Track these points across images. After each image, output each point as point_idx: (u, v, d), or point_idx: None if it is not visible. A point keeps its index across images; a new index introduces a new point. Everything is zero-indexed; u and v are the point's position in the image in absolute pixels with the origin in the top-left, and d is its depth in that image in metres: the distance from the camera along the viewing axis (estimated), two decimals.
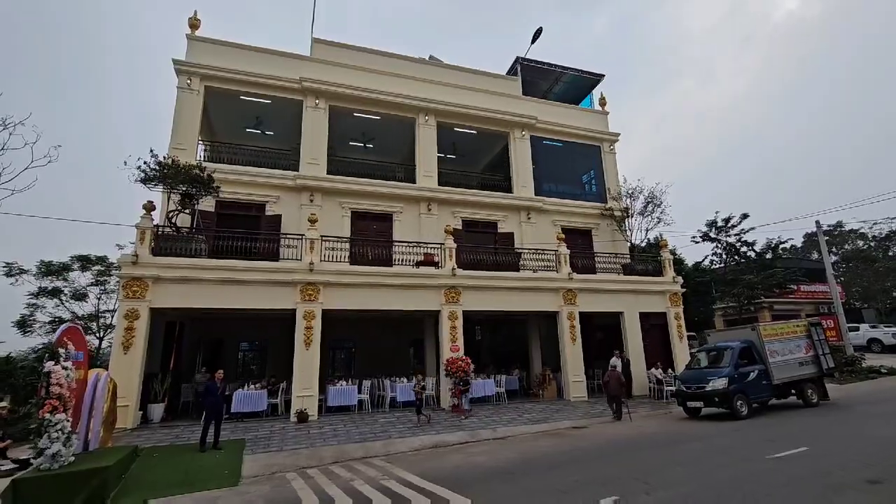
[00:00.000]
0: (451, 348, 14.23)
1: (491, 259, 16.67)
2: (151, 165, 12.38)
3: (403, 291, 14.42)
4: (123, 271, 11.86)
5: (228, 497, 6.89)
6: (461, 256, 15.79)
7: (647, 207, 19.79)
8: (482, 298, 15.26)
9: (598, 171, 22.28)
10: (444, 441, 10.40)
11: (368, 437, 10.65)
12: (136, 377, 11.47)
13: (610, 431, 10.99)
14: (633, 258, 19.06)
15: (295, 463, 8.97)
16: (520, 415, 12.98)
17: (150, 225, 12.42)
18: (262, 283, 12.98)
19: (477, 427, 11.56)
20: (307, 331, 13.02)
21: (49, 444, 7.20)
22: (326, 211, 16.72)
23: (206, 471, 8.50)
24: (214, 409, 9.92)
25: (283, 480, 7.74)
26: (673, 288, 17.95)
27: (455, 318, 14.64)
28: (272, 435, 10.94)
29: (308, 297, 13.22)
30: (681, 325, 17.62)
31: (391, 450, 9.81)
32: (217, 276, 12.53)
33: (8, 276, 19.55)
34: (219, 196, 15.01)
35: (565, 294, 16.23)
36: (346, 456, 9.39)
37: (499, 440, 10.51)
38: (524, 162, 20.20)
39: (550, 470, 7.54)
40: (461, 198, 18.76)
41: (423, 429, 11.38)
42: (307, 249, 13.65)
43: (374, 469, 8.21)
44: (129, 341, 11.54)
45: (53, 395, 7.31)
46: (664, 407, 14.10)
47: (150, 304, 11.94)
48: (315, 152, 17.14)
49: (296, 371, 12.76)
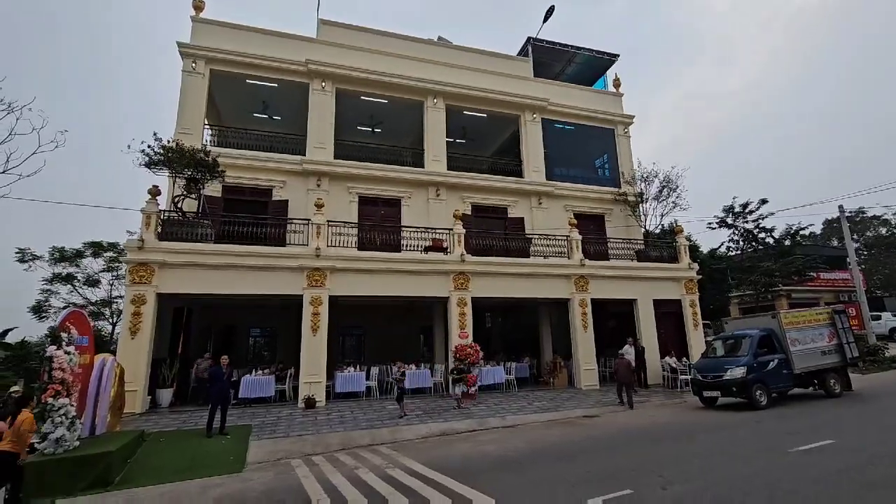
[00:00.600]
0: (459, 335, 14.00)
1: (501, 245, 16.33)
2: (155, 149, 12.21)
3: (412, 278, 14.18)
4: (129, 256, 11.78)
5: (230, 484, 6.77)
6: (470, 242, 15.47)
7: (663, 192, 19.20)
8: (492, 285, 14.97)
9: (611, 154, 21.68)
10: (453, 429, 10.21)
11: (376, 424, 10.51)
12: (144, 362, 11.44)
13: (622, 421, 10.71)
14: (648, 244, 18.56)
15: (301, 450, 8.86)
16: (529, 403, 12.75)
17: (155, 210, 12.29)
18: (269, 268, 12.82)
19: (486, 415, 11.36)
20: (314, 317, 12.87)
21: (53, 428, 7.13)
22: (334, 196, 16.48)
23: (211, 457, 8.42)
24: (221, 395, 9.82)
25: (288, 467, 7.61)
26: (688, 275, 17.45)
27: (464, 305, 14.39)
28: (279, 421, 10.86)
29: (315, 282, 13.04)
30: (696, 313, 17.16)
31: (398, 437, 9.65)
32: (223, 261, 12.40)
33: (22, 262, 19.76)
34: (225, 181, 14.85)
35: (577, 281, 15.86)
36: (353, 443, 9.25)
37: (508, 428, 10.29)
38: (535, 146, 19.70)
39: (560, 460, 7.29)
40: (471, 182, 18.38)
41: (430, 416, 11.21)
42: (314, 234, 13.44)
43: (380, 457, 8.05)
44: (136, 326, 11.50)
45: (56, 380, 7.22)
46: (678, 396, 13.75)
47: (156, 290, 11.86)
48: (322, 136, 16.85)
49: (303, 357, 12.65)
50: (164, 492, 6.56)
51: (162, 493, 6.54)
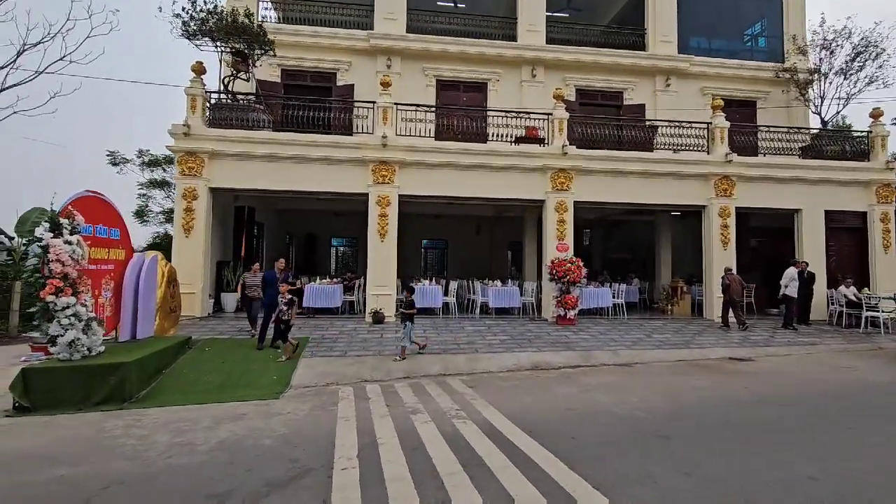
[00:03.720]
0: (557, 247, 11.24)
1: (613, 135, 12.66)
2: (192, 14, 10.16)
3: (500, 176, 11.37)
4: (176, 144, 10.33)
5: (252, 418, 5.12)
6: (574, 131, 12.05)
7: (854, 62, 13.65)
8: (600, 186, 11.69)
9: (772, 17, 15.97)
10: (547, 362, 7.90)
11: (450, 349, 8.53)
12: (201, 263, 10.36)
13: (794, 369, 7.60)
14: (822, 136, 13.58)
15: (356, 373, 7.15)
16: (647, 335, 9.94)
17: (200, 91, 10.55)
18: (329, 161, 10.79)
19: (590, 346, 8.85)
20: (381, 219, 10.83)
21: (62, 331, 5.92)
22: (406, 79, 13.73)
23: (251, 374, 7.01)
24: (274, 303, 8.34)
25: (331, 399, 5.85)
26: (884, 177, 12.54)
27: (564, 210, 11.41)
28: (340, 336, 9.33)
29: (381, 178, 10.83)
30: (889, 231, 12.48)
31: (476, 367, 7.57)
32: (280, 152, 10.57)
33: (114, 165, 20.05)
34: (282, 63, 12.74)
35: (719, 182, 11.93)
36: (419, 370, 7.35)
37: (623, 367, 7.73)
38: (666, 6, 14.80)
39: (729, 434, 4.63)
40: (575, 59, 14.41)
41: (518, 343, 8.97)
42: (379, 120, 11.00)
43: (449, 396, 5.98)
44: (188, 224, 10.31)
45: (56, 274, 5.89)
46: (863, 339, 10.06)
47: (208, 184, 10.45)
48: (392, 5, 13.77)
49: (370, 266, 10.86)
50: (174, 419, 5.09)
51: (171, 419, 5.07)
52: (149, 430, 4.74)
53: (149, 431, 4.68)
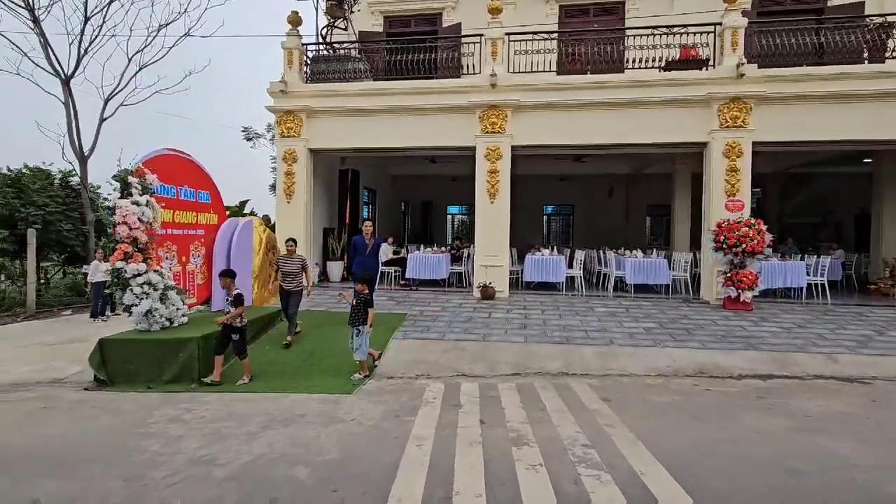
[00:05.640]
0: (726, 205, 8.32)
1: (811, 44, 8.86)
2: None
3: (643, 114, 8.72)
4: (274, 103, 9.75)
5: (311, 421, 3.97)
6: (753, 43, 8.75)
7: None
8: (793, 118, 8.29)
9: None
10: (717, 364, 5.54)
11: (576, 337, 6.58)
12: (303, 229, 9.76)
13: None
14: None
15: (453, 364, 5.71)
16: (877, 331, 6.76)
17: (296, 43, 9.77)
18: (433, 109, 9.29)
19: (783, 344, 6.15)
20: (490, 176, 9.08)
21: (135, 300, 5.46)
22: (522, 10, 11.47)
23: (334, 355, 5.99)
24: (363, 271, 7.25)
25: (414, 401, 4.47)
26: None
27: (737, 155, 8.37)
28: (441, 313, 7.97)
29: (491, 126, 9.01)
30: None
31: (611, 367, 5.57)
32: (378, 103, 9.38)
33: (248, 140, 21.42)
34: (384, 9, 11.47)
35: None
36: (534, 366, 5.62)
37: (851, 383, 5.03)
38: None
39: None
40: None
41: (671, 334, 6.64)
42: (488, 56, 9.11)
43: (573, 417, 4.13)
44: (289, 188, 9.77)
45: (125, 239, 5.37)
46: None
47: (307, 144, 9.75)
48: None
49: (477, 232, 9.27)
50: (221, 415, 4.17)
51: (217, 415, 4.17)
52: (185, 429, 3.83)
53: (183, 432, 3.76)
